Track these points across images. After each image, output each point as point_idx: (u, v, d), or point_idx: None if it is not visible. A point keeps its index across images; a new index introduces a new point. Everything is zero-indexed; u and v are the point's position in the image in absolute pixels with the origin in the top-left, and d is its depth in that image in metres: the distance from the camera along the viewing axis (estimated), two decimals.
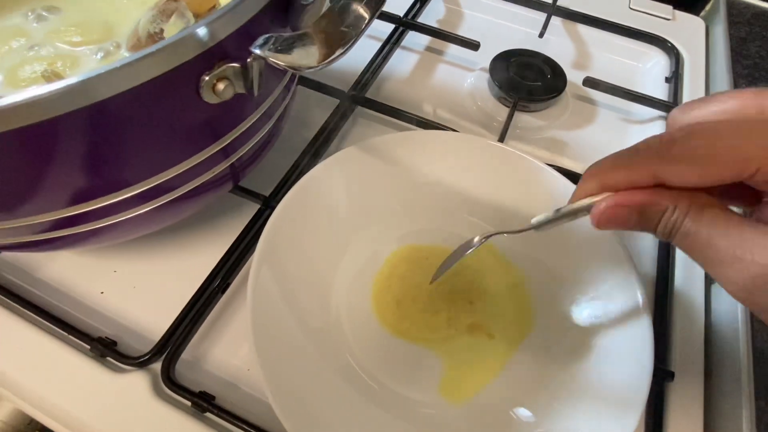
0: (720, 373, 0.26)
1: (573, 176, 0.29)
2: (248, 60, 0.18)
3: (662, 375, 0.24)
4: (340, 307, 0.25)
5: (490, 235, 0.22)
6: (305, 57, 0.16)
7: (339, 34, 0.17)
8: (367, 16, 0.17)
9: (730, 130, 0.14)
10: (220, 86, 0.18)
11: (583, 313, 0.24)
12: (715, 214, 0.15)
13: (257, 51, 0.17)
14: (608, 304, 0.24)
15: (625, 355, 0.22)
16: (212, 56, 0.17)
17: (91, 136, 0.17)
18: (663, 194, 0.15)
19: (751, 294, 0.14)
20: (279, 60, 0.16)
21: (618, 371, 0.22)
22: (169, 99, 0.18)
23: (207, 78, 0.18)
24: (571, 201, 0.18)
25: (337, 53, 0.16)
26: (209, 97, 0.18)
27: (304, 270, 0.25)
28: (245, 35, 0.18)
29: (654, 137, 0.15)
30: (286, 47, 0.17)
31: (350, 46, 0.17)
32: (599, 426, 0.20)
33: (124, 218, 0.22)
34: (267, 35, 0.17)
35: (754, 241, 0.14)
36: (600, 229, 0.17)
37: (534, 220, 0.19)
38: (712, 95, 0.16)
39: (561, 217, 0.18)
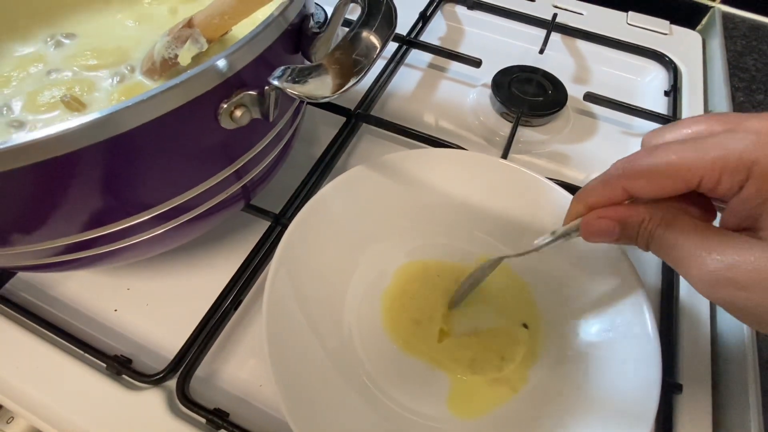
0: (728, 384, 0.26)
1: (576, 190, 0.30)
2: (265, 88, 0.18)
3: (670, 387, 0.24)
4: (352, 323, 0.26)
5: (502, 258, 0.24)
6: (320, 87, 0.17)
7: (352, 63, 0.17)
8: (378, 45, 0.18)
9: (678, 148, 0.16)
10: (238, 113, 0.19)
11: (591, 328, 0.25)
12: (684, 221, 0.17)
13: (275, 82, 0.17)
14: (615, 318, 0.24)
15: (634, 369, 0.22)
16: (230, 85, 0.18)
17: (113, 165, 0.18)
18: (639, 207, 0.18)
19: (711, 287, 0.16)
20: (295, 91, 0.17)
21: (627, 385, 0.22)
22: (189, 127, 0.18)
23: (225, 106, 0.18)
24: (564, 223, 0.20)
25: (351, 83, 0.17)
26: (227, 123, 0.19)
27: (316, 288, 0.26)
28: (261, 64, 0.19)
29: (622, 159, 0.18)
30: (302, 78, 0.17)
31: (362, 76, 0.17)
32: None
33: (140, 239, 0.22)
34: (284, 67, 0.18)
35: (713, 240, 0.16)
36: (589, 241, 0.19)
37: (535, 243, 0.22)
38: (680, 121, 0.18)
39: (558, 237, 0.21)
